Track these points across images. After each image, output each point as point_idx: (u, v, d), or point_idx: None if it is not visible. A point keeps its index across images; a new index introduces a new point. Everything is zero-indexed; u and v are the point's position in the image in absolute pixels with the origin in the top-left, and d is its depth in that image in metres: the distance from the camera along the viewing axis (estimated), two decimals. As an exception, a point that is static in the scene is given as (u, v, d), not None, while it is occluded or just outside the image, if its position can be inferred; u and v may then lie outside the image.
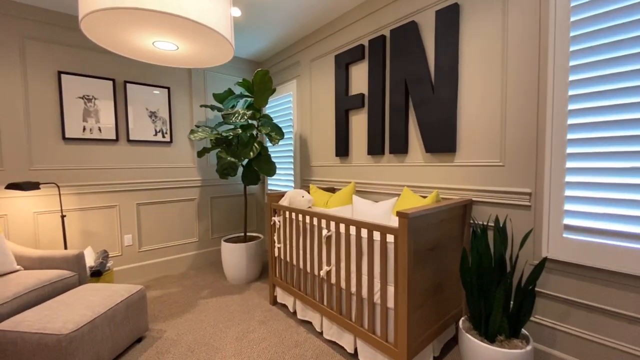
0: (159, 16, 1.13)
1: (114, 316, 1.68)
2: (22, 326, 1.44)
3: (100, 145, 2.67)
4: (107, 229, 2.72)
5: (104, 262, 2.35)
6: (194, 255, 3.26)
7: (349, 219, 1.64)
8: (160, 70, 2.97)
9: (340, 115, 2.60)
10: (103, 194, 2.69)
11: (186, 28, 1.22)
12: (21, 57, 2.30)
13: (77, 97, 2.54)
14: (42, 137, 2.41)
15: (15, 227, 2.31)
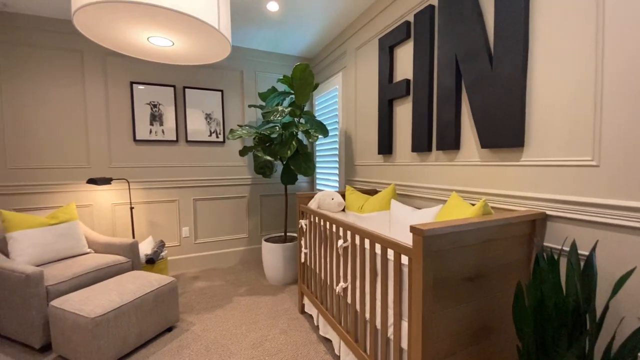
0: (145, 8, 1.09)
1: (142, 305, 1.79)
2: (66, 305, 1.64)
3: (163, 145, 2.98)
4: (168, 221, 3.02)
5: (158, 252, 2.59)
6: (243, 250, 3.37)
7: (362, 230, 1.35)
8: (215, 74, 3.15)
9: (383, 107, 2.27)
10: (165, 189, 2.99)
11: (177, 21, 1.16)
12: (103, 71, 2.72)
13: (145, 104, 2.88)
14: (118, 139, 2.81)
15: (99, 216, 2.75)
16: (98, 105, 2.72)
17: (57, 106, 2.59)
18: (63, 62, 2.59)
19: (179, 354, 1.74)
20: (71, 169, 2.66)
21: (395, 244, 1.13)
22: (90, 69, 2.67)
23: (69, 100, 2.62)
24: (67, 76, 2.61)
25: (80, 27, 1.15)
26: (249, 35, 2.96)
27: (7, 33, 2.43)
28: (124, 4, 1.00)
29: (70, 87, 2.62)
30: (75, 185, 2.66)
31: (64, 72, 2.60)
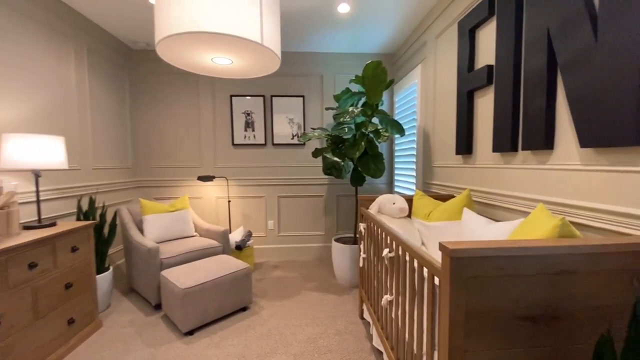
0: (214, 36, 1.30)
1: (221, 284, 2.11)
2: (170, 275, 2.10)
3: (254, 149, 3.41)
4: (257, 214, 3.45)
5: (245, 240, 3.00)
6: (319, 247, 3.52)
7: (402, 241, 1.22)
8: (297, 82, 3.39)
9: (462, 100, 1.97)
10: (255, 186, 3.42)
11: (223, 41, 1.33)
12: (212, 88, 3.31)
13: (241, 113, 3.36)
14: (221, 144, 3.37)
15: (206, 207, 3.39)
16: (207, 116, 3.33)
17: (180, 119, 3.32)
18: (184, 84, 3.30)
19: (245, 332, 1.98)
20: (188, 168, 3.36)
21: (429, 261, 0.99)
22: (203, 87, 3.30)
23: (188, 114, 3.32)
24: (187, 95, 3.30)
25: (162, 54, 1.46)
26: (327, 39, 3.05)
27: (147, 65, 3.26)
28: (176, 35, 1.22)
29: (189, 103, 3.31)
30: (190, 181, 3.35)
31: (185, 92, 3.30)
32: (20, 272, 1.49)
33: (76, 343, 1.83)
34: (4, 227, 1.59)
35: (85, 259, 1.94)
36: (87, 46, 2.56)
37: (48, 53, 2.18)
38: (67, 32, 2.34)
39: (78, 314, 1.86)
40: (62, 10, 2.27)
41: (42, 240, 1.61)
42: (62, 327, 1.74)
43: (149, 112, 3.30)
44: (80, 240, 1.90)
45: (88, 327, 1.94)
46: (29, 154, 1.72)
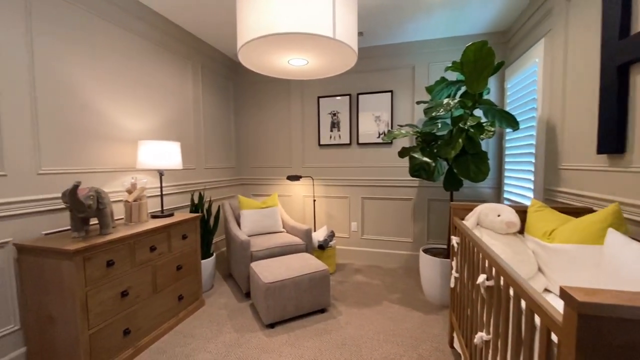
0: (285, 37, 1.30)
1: (300, 283, 2.15)
2: (257, 268, 2.26)
3: (339, 149, 3.38)
4: (341, 215, 3.42)
5: (327, 240, 3.00)
6: (407, 255, 3.24)
7: (504, 269, 0.94)
8: (385, 76, 3.18)
9: (609, 78, 1.43)
10: (339, 187, 3.39)
11: (309, 42, 1.29)
12: (301, 92, 3.44)
13: (327, 113, 3.38)
14: (309, 144, 3.48)
15: (294, 205, 3.55)
16: (297, 118, 3.48)
17: (274, 122, 3.57)
18: (278, 89, 3.53)
19: (320, 336, 1.96)
20: (280, 168, 3.59)
21: (542, 307, 0.71)
22: (294, 91, 3.46)
23: (281, 117, 3.54)
24: (280, 99, 3.53)
25: (244, 61, 1.54)
26: (420, 26, 2.74)
27: (248, 75, 3.60)
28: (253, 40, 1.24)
29: (281, 107, 3.53)
30: (280, 180, 3.57)
31: (278, 96, 3.53)
32: (144, 253, 1.84)
33: (184, 317, 2.16)
34: (137, 216, 1.99)
35: (193, 245, 2.28)
36: (201, 63, 3.01)
37: (171, 72, 2.64)
38: (186, 53, 2.80)
39: (186, 292, 2.19)
40: (181, 35, 2.72)
41: (160, 228, 1.95)
42: (174, 302, 2.08)
43: (249, 117, 3.67)
44: (189, 229, 2.23)
45: (193, 305, 2.27)
46: (155, 157, 2.11)
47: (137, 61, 2.28)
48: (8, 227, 1.54)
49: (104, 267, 1.58)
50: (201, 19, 2.56)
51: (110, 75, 2.07)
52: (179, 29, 2.67)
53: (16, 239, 1.57)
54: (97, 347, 1.54)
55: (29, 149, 1.62)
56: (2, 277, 1.52)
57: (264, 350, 1.82)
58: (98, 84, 1.99)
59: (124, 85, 2.18)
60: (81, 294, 1.47)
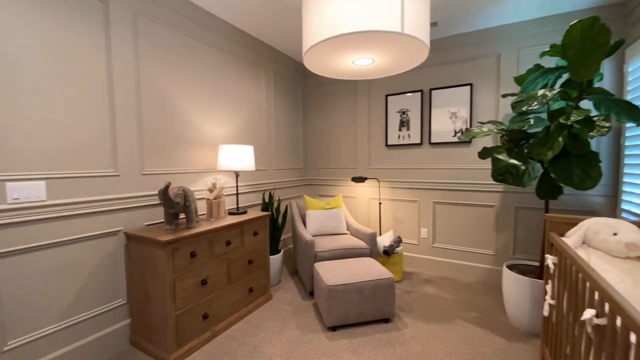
0: (356, 36, 1.26)
1: (362, 289, 2.09)
2: (320, 269, 2.28)
3: (408, 149, 3.19)
4: (409, 219, 3.22)
5: (394, 246, 2.86)
6: (487, 269, 2.86)
7: (628, 311, 0.72)
8: (463, 68, 2.87)
9: None
10: (408, 189, 3.20)
11: (376, 40, 1.23)
12: (368, 91, 3.36)
13: (396, 112, 3.22)
14: (375, 145, 3.37)
15: (359, 207, 3.49)
16: (363, 118, 3.41)
17: (339, 123, 3.57)
18: (344, 90, 3.51)
19: (382, 348, 1.87)
20: (345, 169, 3.57)
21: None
22: (360, 90, 3.40)
23: (346, 118, 3.52)
24: (346, 100, 3.50)
25: (309, 65, 1.54)
26: (507, 7, 2.39)
27: (316, 78, 3.67)
28: (350, 35, 1.23)
29: (347, 108, 3.50)
30: (345, 181, 3.55)
31: (344, 97, 3.51)
32: (221, 247, 2.02)
33: (253, 308, 2.31)
34: (216, 212, 2.21)
35: (263, 242, 2.42)
36: (273, 70, 3.19)
37: (247, 81, 2.86)
38: (259, 61, 2.99)
39: (256, 285, 2.35)
40: (256, 46, 2.91)
41: (235, 224, 2.12)
42: (245, 294, 2.24)
43: (316, 119, 3.75)
44: (260, 226, 2.38)
45: (262, 297, 2.42)
46: (232, 159, 2.31)
47: (219, 73, 2.53)
48: (120, 218, 1.87)
49: (188, 257, 1.79)
50: (274, 29, 2.70)
51: (197, 88, 2.34)
52: (254, 40, 2.87)
53: (125, 228, 1.90)
54: (181, 326, 1.76)
55: (135, 154, 1.94)
56: (115, 259, 1.86)
57: (324, 353, 1.82)
58: (187, 96, 2.27)
59: (208, 96, 2.44)
60: (170, 280, 1.69)
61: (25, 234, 1.48)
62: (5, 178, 1.41)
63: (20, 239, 1.47)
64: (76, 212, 1.65)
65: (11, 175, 1.43)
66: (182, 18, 2.21)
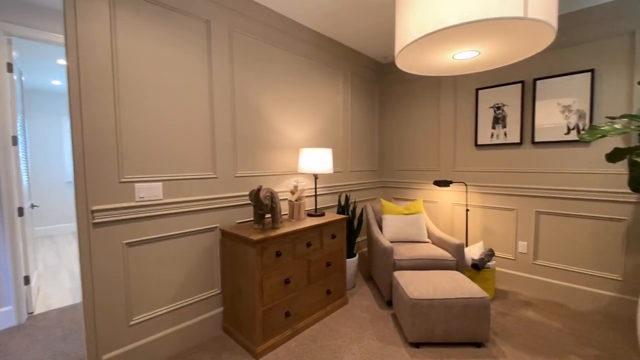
0: (463, 28, 1.13)
1: (451, 307, 1.89)
2: (401, 279, 2.15)
3: (503, 149, 2.79)
4: (502, 230, 2.83)
5: (485, 260, 2.53)
6: (611, 297, 2.32)
7: None
8: (580, 51, 2.37)
9: None
10: (502, 196, 2.81)
11: (486, 29, 1.07)
12: (454, 85, 3.06)
13: (489, 107, 2.85)
14: (462, 145, 3.05)
15: (440, 212, 3.21)
16: (448, 117, 3.12)
17: (419, 123, 3.33)
18: (425, 87, 3.26)
19: (477, 376, 1.65)
20: (425, 171, 3.32)
21: None
22: (445, 86, 3.12)
23: (427, 117, 3.27)
24: (427, 97, 3.25)
25: (401, 65, 1.43)
26: (655, -30, 1.87)
27: (393, 76, 3.50)
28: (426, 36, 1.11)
29: (429, 105, 3.25)
30: (426, 184, 3.30)
31: (426, 94, 3.26)
32: (302, 248, 2.07)
33: (330, 310, 2.32)
34: (297, 213, 2.28)
35: (340, 244, 2.41)
36: (350, 71, 3.16)
37: (325, 83, 2.88)
38: (336, 63, 2.99)
39: (333, 288, 2.35)
40: (332, 46, 2.91)
41: (315, 227, 2.15)
42: (322, 295, 2.26)
43: (392, 119, 3.59)
44: (337, 229, 2.37)
45: (338, 301, 2.40)
46: (312, 163, 2.35)
47: (299, 78, 2.61)
48: (216, 215, 2.07)
49: (274, 256, 1.88)
50: (353, 29, 2.66)
51: (279, 94, 2.45)
52: (332, 42, 2.87)
53: (221, 225, 2.09)
54: (267, 322, 1.85)
55: (230, 158, 2.12)
56: (212, 252, 2.06)
57: (408, 371, 1.70)
58: (271, 102, 2.39)
59: (289, 100, 2.53)
60: (259, 276, 1.79)
61: (147, 227, 1.75)
62: (135, 180, 1.68)
63: (144, 231, 1.73)
64: (184, 210, 1.88)
65: (139, 177, 1.70)
66: (268, 28, 2.33)
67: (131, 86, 1.66)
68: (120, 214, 1.63)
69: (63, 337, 2.03)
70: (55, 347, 1.94)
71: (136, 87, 1.67)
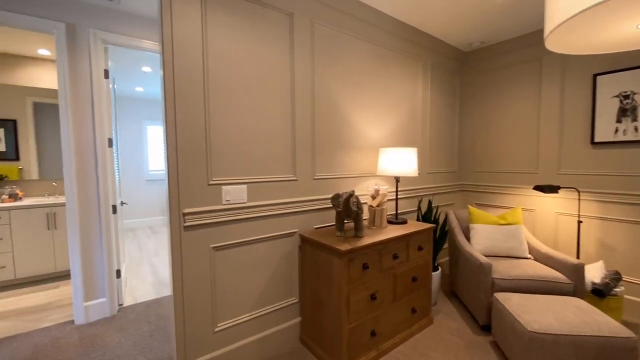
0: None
1: (582, 346, 1.50)
2: (507, 303, 1.81)
3: (632, 148, 2.24)
4: (628, 248, 2.27)
5: (611, 285, 2.04)
6: None
7: None
8: None
9: None
10: (628, 205, 2.25)
11: None
12: (561, 71, 2.55)
13: (612, 97, 2.31)
14: (570, 143, 2.53)
15: (540, 222, 2.72)
16: (551, 109, 2.62)
17: (511, 117, 2.87)
18: (520, 76, 2.79)
19: None
20: (519, 174, 2.85)
21: None
22: (548, 73, 2.63)
23: (522, 110, 2.80)
24: (523, 87, 2.78)
25: (553, 44, 1.11)
26: None
27: (478, 65, 3.07)
28: None
29: (524, 97, 2.77)
30: (522, 189, 2.82)
31: (520, 84, 2.79)
32: (388, 260, 1.85)
33: (415, 331, 2.06)
34: (379, 220, 2.06)
35: (427, 257, 2.13)
36: (431, 62, 2.83)
37: (404, 75, 2.61)
38: (417, 53, 2.69)
39: (418, 306, 2.08)
40: (413, 35, 2.62)
41: (401, 237, 1.91)
42: (407, 314, 2.01)
43: (475, 113, 3.17)
44: (424, 240, 2.10)
45: (423, 320, 2.13)
46: (394, 164, 2.11)
47: (377, 70, 2.38)
48: (296, 220, 1.94)
49: (360, 269, 1.69)
50: (437, 15, 2.35)
51: (356, 87, 2.25)
52: (413, 30, 2.59)
53: (299, 230, 1.97)
54: (352, 340, 1.67)
55: (308, 159, 1.98)
56: (291, 258, 1.95)
57: (533, 423, 1.37)
58: (348, 97, 2.20)
59: (366, 95, 2.32)
60: (346, 290, 1.62)
61: (232, 231, 1.68)
62: (222, 182, 1.62)
63: (229, 235, 1.67)
64: (266, 214, 1.79)
65: (225, 179, 1.64)
66: (349, 18, 2.14)
67: (219, 86, 1.60)
68: (209, 217, 1.58)
69: (150, 333, 2.10)
70: (144, 342, 1.99)
71: (223, 87, 1.61)
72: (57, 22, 2.06)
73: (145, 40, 2.35)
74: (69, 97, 2.13)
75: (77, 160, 2.18)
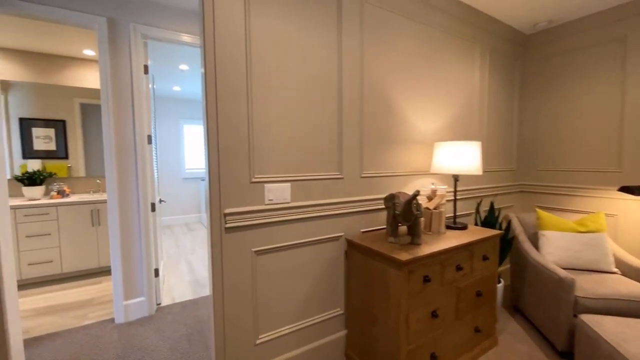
0: None
1: None
2: (599, 328, 1.48)
3: None
4: None
5: None
6: None
7: None
8: None
9: None
10: None
11: None
12: (621, 63, 2.13)
13: None
14: (669, 136, 2.11)
15: (624, 229, 2.31)
16: (638, 94, 2.20)
17: (583, 108, 2.46)
18: (595, 59, 2.38)
19: None
20: (598, 173, 2.44)
21: None
22: (635, 53, 2.21)
23: (599, 100, 2.38)
24: (599, 73, 2.37)
25: None
26: None
27: (542, 50, 2.67)
28: None
29: (601, 84, 2.36)
30: (602, 191, 2.41)
31: (595, 69, 2.38)
32: (451, 272, 1.60)
33: (477, 354, 1.78)
34: (437, 225, 1.81)
35: (491, 269, 1.85)
36: (490, 46, 2.51)
37: (459, 61, 2.32)
38: (474, 36, 2.38)
39: (481, 325, 1.81)
40: (471, 15, 2.32)
41: (465, 245, 1.64)
42: (470, 333, 1.74)
43: (538, 104, 2.78)
44: (489, 249, 1.82)
45: (487, 341, 1.85)
46: (452, 160, 1.84)
47: (431, 57, 2.12)
48: (341, 222, 1.75)
49: (421, 282, 1.46)
50: (506, -14, 2.03)
51: (407, 75, 2.00)
52: (471, 10, 2.29)
53: (345, 233, 1.77)
54: (410, 364, 1.45)
55: (356, 156, 1.78)
56: (336, 265, 1.76)
57: None
58: (399, 87, 1.96)
59: (419, 83, 2.06)
60: (405, 306, 1.40)
61: (274, 233, 1.52)
62: (265, 180, 1.47)
63: (271, 238, 1.52)
64: (310, 215, 1.61)
65: (268, 177, 1.48)
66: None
67: (262, 78, 1.44)
68: (251, 218, 1.43)
69: (187, 337, 2.01)
70: (181, 347, 1.91)
71: (266, 78, 1.45)
72: (98, 17, 2.03)
73: (184, 34, 2.27)
74: (111, 92, 2.10)
75: (117, 157, 2.15)
